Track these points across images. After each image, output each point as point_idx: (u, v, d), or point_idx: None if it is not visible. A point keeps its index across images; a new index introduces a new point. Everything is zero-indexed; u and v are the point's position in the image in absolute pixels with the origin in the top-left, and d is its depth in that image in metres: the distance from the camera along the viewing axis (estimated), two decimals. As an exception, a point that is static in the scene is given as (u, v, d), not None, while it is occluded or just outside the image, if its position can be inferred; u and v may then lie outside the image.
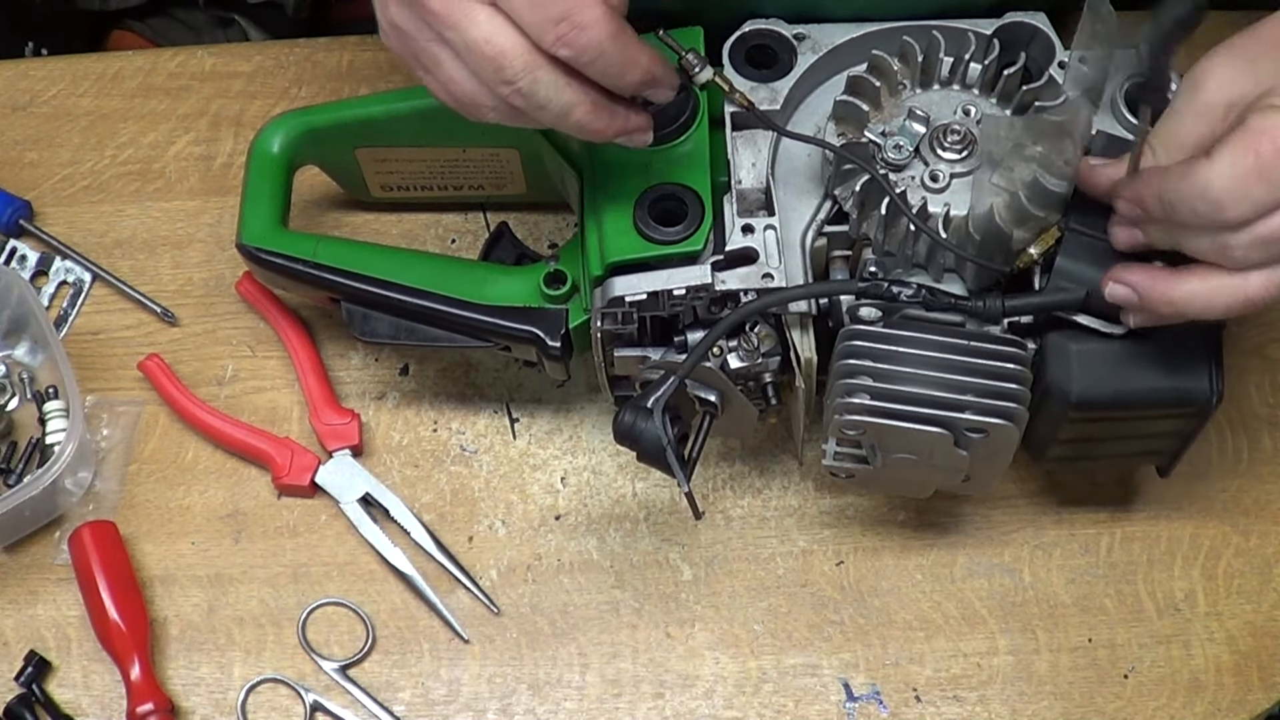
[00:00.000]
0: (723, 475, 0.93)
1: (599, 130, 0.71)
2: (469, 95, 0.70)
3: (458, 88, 0.70)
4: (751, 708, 0.87)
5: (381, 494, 0.92)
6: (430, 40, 0.69)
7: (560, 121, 0.70)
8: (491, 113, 0.70)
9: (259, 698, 0.87)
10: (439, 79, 0.70)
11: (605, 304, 0.79)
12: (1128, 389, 0.76)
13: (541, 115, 0.69)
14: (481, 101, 0.70)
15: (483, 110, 0.70)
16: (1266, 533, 0.91)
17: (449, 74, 0.69)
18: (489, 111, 0.70)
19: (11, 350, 0.97)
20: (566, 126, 0.70)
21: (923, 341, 0.76)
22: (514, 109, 0.69)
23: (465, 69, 0.69)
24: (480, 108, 0.70)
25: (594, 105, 0.70)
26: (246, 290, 0.97)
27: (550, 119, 0.70)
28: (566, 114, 0.69)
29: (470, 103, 0.70)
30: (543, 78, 0.67)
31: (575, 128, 0.70)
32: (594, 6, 0.66)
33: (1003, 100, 0.81)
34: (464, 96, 0.70)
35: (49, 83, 1.07)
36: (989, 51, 0.81)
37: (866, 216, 0.79)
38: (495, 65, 0.67)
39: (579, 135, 0.72)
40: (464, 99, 0.70)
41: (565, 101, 0.69)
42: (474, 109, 0.70)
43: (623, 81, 0.70)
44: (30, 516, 0.90)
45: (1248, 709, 0.87)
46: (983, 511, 0.92)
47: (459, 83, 0.69)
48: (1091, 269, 0.75)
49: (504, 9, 0.66)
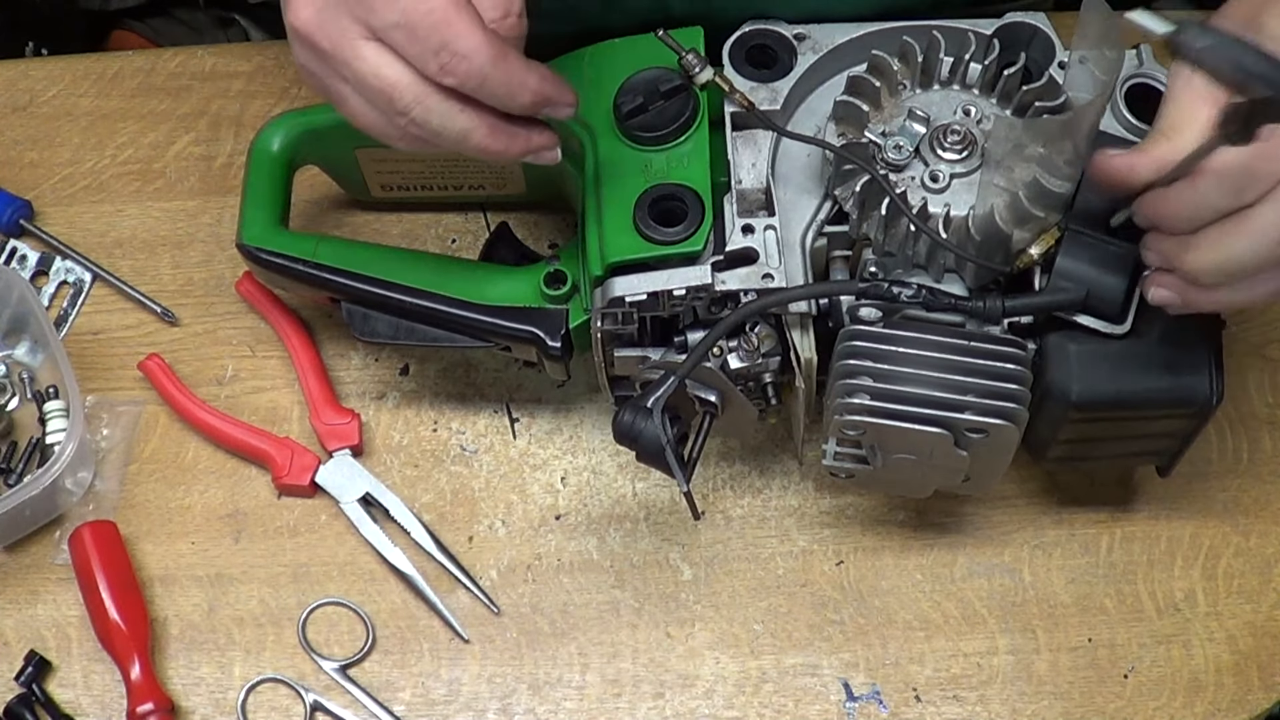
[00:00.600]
0: (723, 475, 0.93)
1: (500, 151, 0.72)
2: (375, 126, 0.72)
3: (363, 120, 0.72)
4: (751, 708, 0.87)
5: (381, 494, 0.92)
6: (330, 77, 0.71)
7: (460, 146, 0.71)
8: (399, 141, 0.72)
9: (259, 698, 0.87)
10: (348, 111, 0.72)
11: (605, 304, 0.79)
12: (1128, 389, 0.76)
13: (441, 142, 0.71)
14: (386, 131, 0.72)
15: (391, 139, 0.72)
16: (1266, 533, 0.91)
17: (354, 108, 0.71)
18: (396, 140, 0.72)
19: (11, 350, 0.97)
20: (468, 150, 0.72)
21: (923, 342, 0.76)
22: (415, 137, 0.71)
23: (365, 102, 0.71)
24: (388, 137, 0.72)
25: (490, 129, 0.71)
26: (246, 290, 0.97)
27: (450, 145, 0.71)
28: (464, 139, 0.71)
29: (379, 133, 0.72)
30: (434, 106, 0.69)
31: (477, 151, 0.72)
32: (472, 34, 0.67)
33: (1003, 100, 0.81)
34: (371, 128, 0.72)
35: (49, 83, 1.07)
36: (989, 51, 0.81)
37: (866, 217, 0.79)
38: (386, 98, 0.69)
39: (485, 158, 0.73)
40: (372, 129, 0.72)
41: (460, 128, 0.70)
42: (384, 138, 0.72)
43: (514, 104, 0.71)
44: (30, 516, 0.90)
45: (1248, 709, 0.87)
46: (983, 511, 0.92)
47: (363, 115, 0.71)
48: (1091, 269, 0.75)
49: (387, 43, 0.68)
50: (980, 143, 0.79)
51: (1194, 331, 0.76)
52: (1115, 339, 0.76)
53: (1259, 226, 0.66)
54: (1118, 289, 0.75)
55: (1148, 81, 0.81)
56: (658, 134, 0.81)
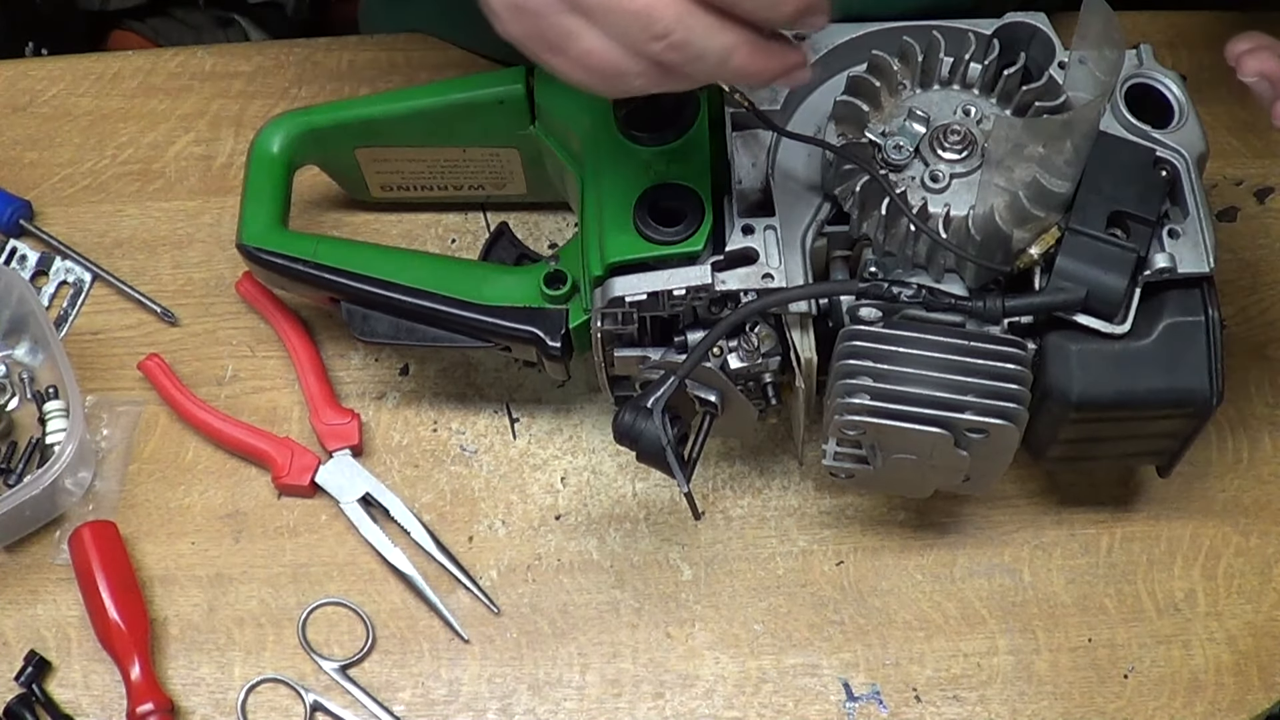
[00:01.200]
0: (723, 475, 0.93)
1: (760, 72, 0.65)
2: (612, 64, 0.64)
3: (598, 58, 0.64)
4: (751, 708, 0.87)
5: (381, 494, 0.92)
6: (561, 12, 0.63)
7: (719, 70, 0.65)
8: (638, 79, 0.65)
9: (259, 698, 0.87)
10: (573, 54, 0.64)
11: (605, 304, 0.79)
12: (1128, 389, 0.76)
13: (698, 67, 0.64)
14: (627, 68, 0.64)
15: (628, 79, 0.65)
16: (1266, 533, 0.91)
17: (586, 46, 0.64)
18: (635, 79, 0.65)
19: (11, 350, 0.97)
20: (725, 74, 0.65)
21: (923, 342, 0.76)
22: (664, 68, 0.64)
23: (605, 36, 0.63)
24: (625, 76, 0.65)
25: (751, 47, 0.64)
26: (246, 290, 0.97)
27: (708, 69, 0.65)
28: (726, 60, 0.64)
29: (613, 72, 0.64)
30: (696, 24, 0.62)
31: (735, 73, 0.65)
32: None
33: (1003, 100, 0.81)
34: (606, 67, 0.64)
35: (49, 83, 1.07)
36: (989, 51, 0.81)
37: (867, 217, 0.79)
38: (643, 21, 0.62)
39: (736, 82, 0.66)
40: (606, 69, 0.64)
41: (722, 46, 0.63)
42: (617, 79, 0.65)
43: (777, 14, 0.63)
44: (30, 516, 0.90)
45: (1248, 709, 0.87)
46: (983, 511, 0.92)
47: (599, 53, 0.64)
48: (1092, 269, 0.75)
49: None
50: (980, 143, 0.79)
51: (1194, 332, 0.76)
52: (1115, 339, 0.76)
53: None
54: (1118, 289, 0.75)
55: (1148, 81, 0.81)
56: (658, 134, 0.81)
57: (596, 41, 0.63)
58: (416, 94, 0.91)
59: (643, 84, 0.65)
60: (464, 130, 0.91)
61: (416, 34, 1.08)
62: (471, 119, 0.90)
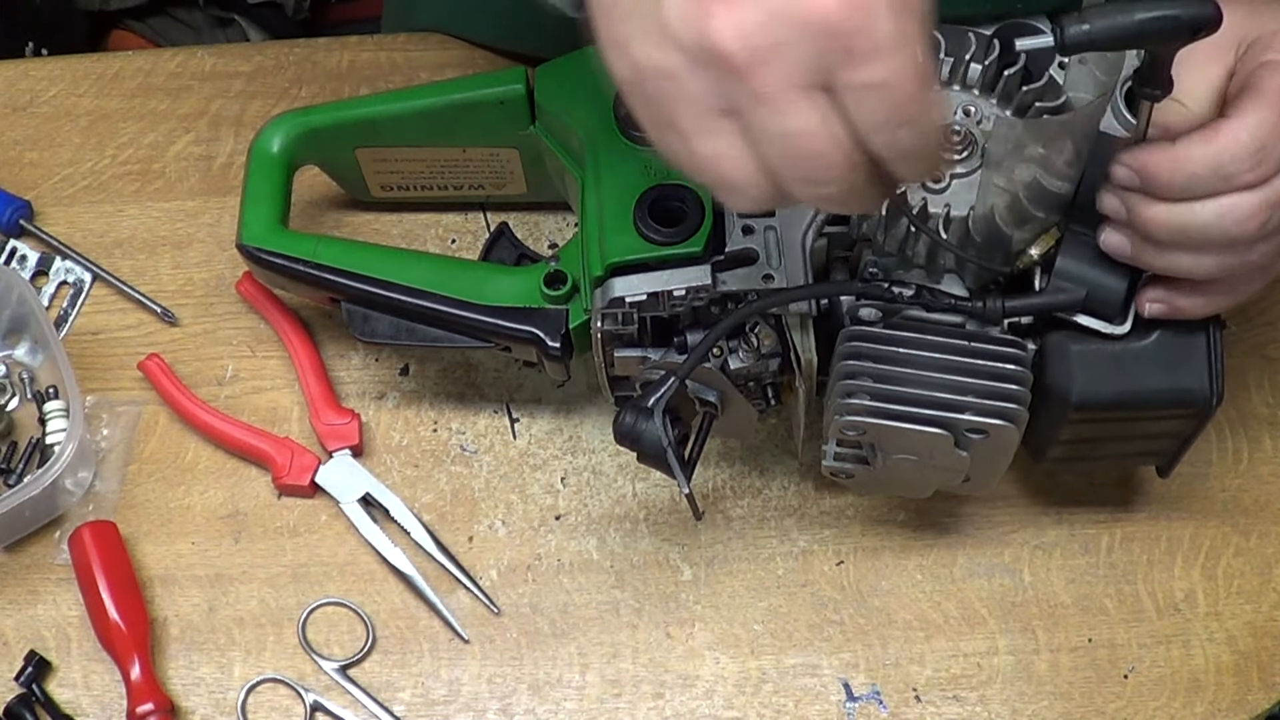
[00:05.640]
0: (723, 475, 0.93)
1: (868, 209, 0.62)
2: (737, 178, 0.57)
3: (726, 166, 0.57)
4: (751, 708, 0.87)
5: (381, 494, 0.92)
6: (714, 110, 0.55)
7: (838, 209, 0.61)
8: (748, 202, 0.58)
9: (259, 698, 0.87)
10: (699, 148, 0.57)
11: (605, 305, 0.79)
12: (1128, 389, 0.76)
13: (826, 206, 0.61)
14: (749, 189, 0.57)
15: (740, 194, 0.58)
16: (1266, 533, 0.91)
17: (721, 149, 0.56)
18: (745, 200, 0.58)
19: (11, 350, 0.97)
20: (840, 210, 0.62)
21: (923, 342, 0.76)
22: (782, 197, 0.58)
23: (750, 153, 0.56)
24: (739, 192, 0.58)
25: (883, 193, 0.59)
26: (246, 290, 0.97)
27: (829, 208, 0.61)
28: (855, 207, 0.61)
29: (730, 184, 0.57)
30: (856, 181, 0.57)
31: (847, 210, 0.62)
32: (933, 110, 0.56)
33: (1003, 100, 0.81)
34: (728, 177, 0.57)
35: (49, 83, 1.07)
36: (989, 52, 0.80)
37: (867, 217, 0.79)
38: (814, 164, 0.55)
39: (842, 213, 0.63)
40: (726, 179, 0.57)
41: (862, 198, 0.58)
42: (729, 190, 0.58)
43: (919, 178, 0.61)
44: (30, 516, 0.90)
45: (1248, 709, 0.87)
46: (983, 511, 0.92)
47: (730, 162, 0.56)
48: (1091, 269, 0.75)
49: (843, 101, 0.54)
50: (980, 143, 0.79)
51: (1194, 332, 0.76)
52: (1115, 339, 0.76)
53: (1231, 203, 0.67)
54: (1118, 289, 0.75)
55: (1148, 81, 0.81)
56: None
57: (735, 150, 0.56)
58: (416, 94, 0.91)
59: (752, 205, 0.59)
60: (464, 130, 0.91)
61: (416, 34, 1.08)
62: (472, 119, 0.90)
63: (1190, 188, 0.68)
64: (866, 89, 0.53)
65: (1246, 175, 0.67)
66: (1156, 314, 0.74)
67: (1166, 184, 0.69)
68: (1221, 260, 0.70)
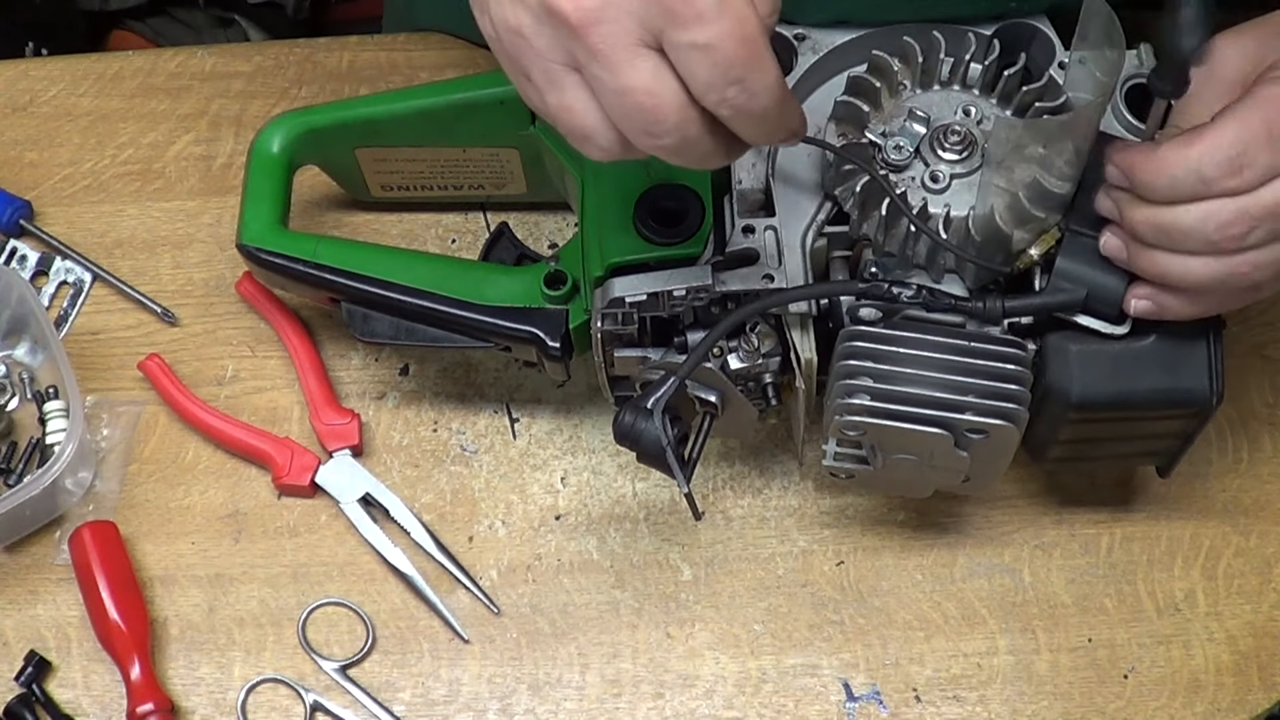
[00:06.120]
0: (723, 475, 0.93)
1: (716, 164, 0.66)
2: (585, 128, 0.63)
3: (575, 117, 0.63)
4: (751, 708, 0.87)
5: (381, 494, 0.92)
6: (562, 64, 0.62)
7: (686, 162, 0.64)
8: (599, 151, 0.64)
9: (259, 698, 0.87)
10: (549, 99, 0.63)
11: (605, 305, 0.79)
12: (1128, 389, 0.76)
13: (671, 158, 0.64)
14: (598, 139, 0.63)
15: (591, 143, 0.64)
16: (1266, 533, 0.91)
17: (568, 101, 0.62)
18: (597, 149, 0.64)
19: (11, 350, 0.97)
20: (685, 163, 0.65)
21: (923, 342, 0.76)
22: (628, 147, 0.63)
23: (595, 104, 0.62)
24: (590, 141, 0.63)
25: (727, 150, 0.64)
26: (246, 290, 0.97)
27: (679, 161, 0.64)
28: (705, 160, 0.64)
29: (581, 134, 0.63)
30: (692, 133, 0.62)
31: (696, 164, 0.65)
32: (770, 70, 0.60)
33: (1003, 101, 0.81)
34: (578, 127, 0.63)
35: (49, 83, 1.07)
36: (989, 52, 0.81)
37: (867, 217, 0.79)
38: (647, 117, 0.61)
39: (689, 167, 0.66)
40: (576, 129, 0.63)
41: (701, 152, 0.63)
42: (581, 139, 0.64)
43: (770, 139, 0.64)
44: (30, 516, 0.90)
45: (1248, 709, 0.87)
46: (983, 511, 0.92)
47: (579, 113, 0.62)
48: (1091, 270, 0.75)
49: (673, 59, 0.60)
50: (980, 143, 0.79)
51: (1194, 332, 0.76)
52: (1115, 339, 0.76)
53: (1213, 208, 0.67)
54: (1118, 289, 0.75)
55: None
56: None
57: (582, 103, 0.62)
58: (416, 94, 0.91)
59: (601, 155, 0.64)
60: (464, 130, 0.91)
61: (416, 34, 1.08)
62: (472, 119, 0.90)
63: (1173, 190, 0.68)
64: (692, 49, 0.59)
65: (1227, 181, 0.66)
66: (1142, 311, 0.74)
67: (1150, 185, 0.69)
68: (1208, 268, 0.69)
